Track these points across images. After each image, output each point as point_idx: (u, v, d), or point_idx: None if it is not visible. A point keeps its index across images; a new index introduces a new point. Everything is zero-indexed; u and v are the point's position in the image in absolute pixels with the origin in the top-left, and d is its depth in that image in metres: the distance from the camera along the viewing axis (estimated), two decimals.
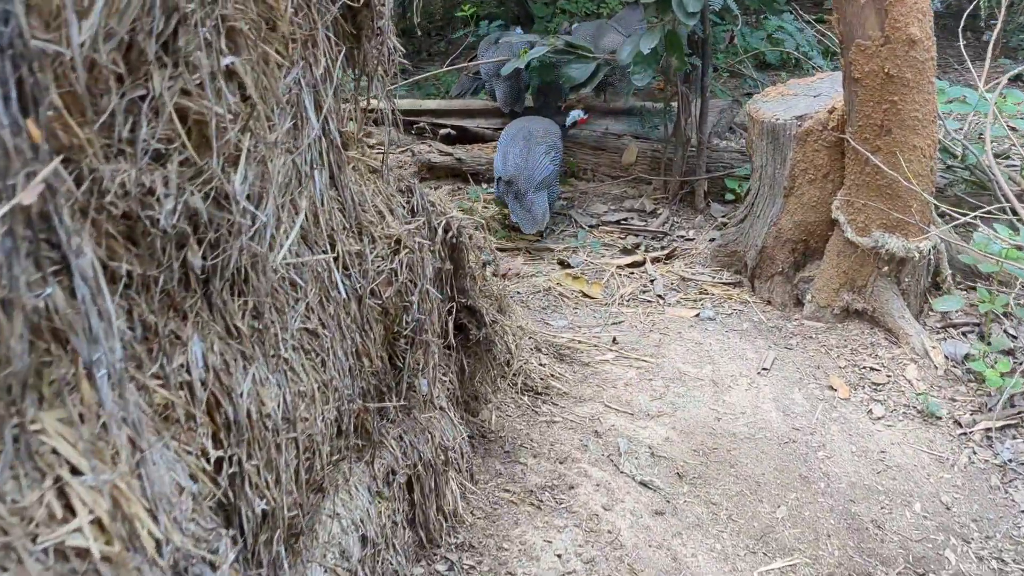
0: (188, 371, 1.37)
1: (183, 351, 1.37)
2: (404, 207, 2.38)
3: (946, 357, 3.27)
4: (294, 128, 1.75)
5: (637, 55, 4.03)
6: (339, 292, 1.89)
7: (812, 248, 3.67)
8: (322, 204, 1.90)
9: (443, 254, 2.54)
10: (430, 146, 5.01)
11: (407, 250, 2.16)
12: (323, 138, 1.90)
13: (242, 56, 1.41)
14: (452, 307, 2.66)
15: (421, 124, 5.36)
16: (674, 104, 4.54)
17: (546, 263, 4.25)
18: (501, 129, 5.31)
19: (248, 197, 1.48)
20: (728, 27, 4.04)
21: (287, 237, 1.64)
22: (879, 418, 3.03)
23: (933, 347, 3.30)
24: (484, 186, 4.96)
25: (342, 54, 1.81)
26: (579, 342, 3.54)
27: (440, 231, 2.50)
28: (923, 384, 3.17)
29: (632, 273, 4.13)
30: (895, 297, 3.44)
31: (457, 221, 2.55)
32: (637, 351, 3.45)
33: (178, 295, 1.38)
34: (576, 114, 4.67)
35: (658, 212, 4.63)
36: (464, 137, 5.31)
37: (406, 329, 2.17)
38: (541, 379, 3.23)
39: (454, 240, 2.56)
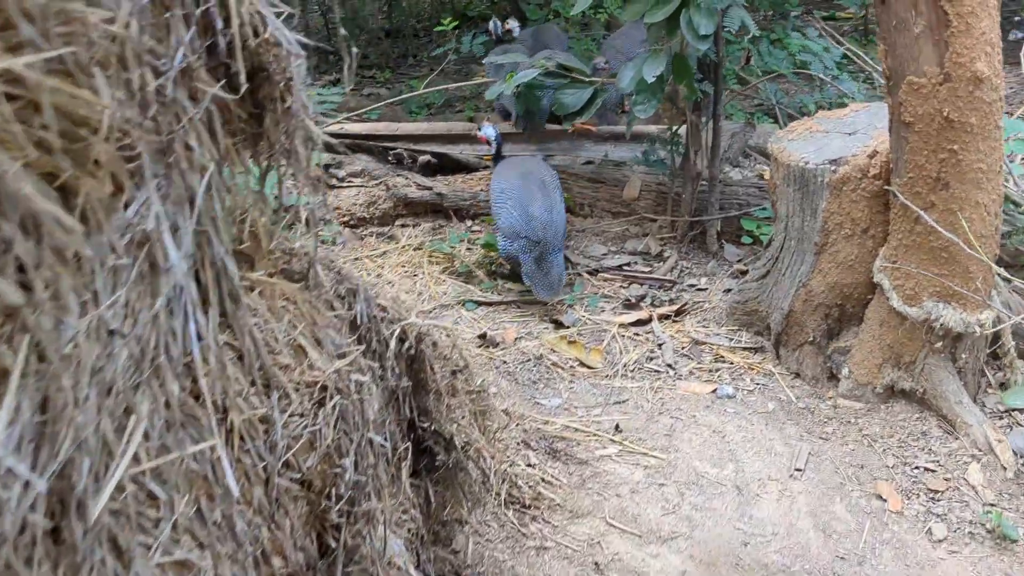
0: None
1: None
2: (344, 317, 1.83)
3: (1014, 453, 2.73)
4: (151, 271, 1.21)
5: (640, 83, 3.47)
6: (230, 486, 1.34)
7: (848, 313, 3.12)
8: (205, 362, 1.35)
9: (399, 370, 1.99)
10: (407, 178, 4.45)
11: (338, 396, 1.61)
12: (206, 269, 1.36)
13: (7, 217, 0.86)
14: (413, 428, 2.12)
15: (398, 150, 4.80)
16: (682, 133, 3.98)
17: (537, 320, 3.70)
18: (488, 157, 4.77)
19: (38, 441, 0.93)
20: (744, 45, 3.49)
21: (126, 455, 1.09)
22: (940, 540, 2.49)
23: (999, 440, 2.76)
24: (469, 223, 4.41)
25: (211, 171, 1.26)
26: (576, 430, 3.00)
27: (394, 342, 1.95)
28: (990, 492, 2.62)
29: (637, 334, 3.58)
30: (950, 377, 2.89)
31: (416, 328, 2.00)
32: (645, 443, 2.91)
33: None
34: (487, 130, 4.08)
35: (665, 255, 4.08)
36: (446, 165, 4.74)
37: (339, 502, 1.63)
38: (529, 486, 2.69)
39: (412, 351, 2.02)
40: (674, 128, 3.96)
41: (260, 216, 1.54)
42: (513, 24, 5.00)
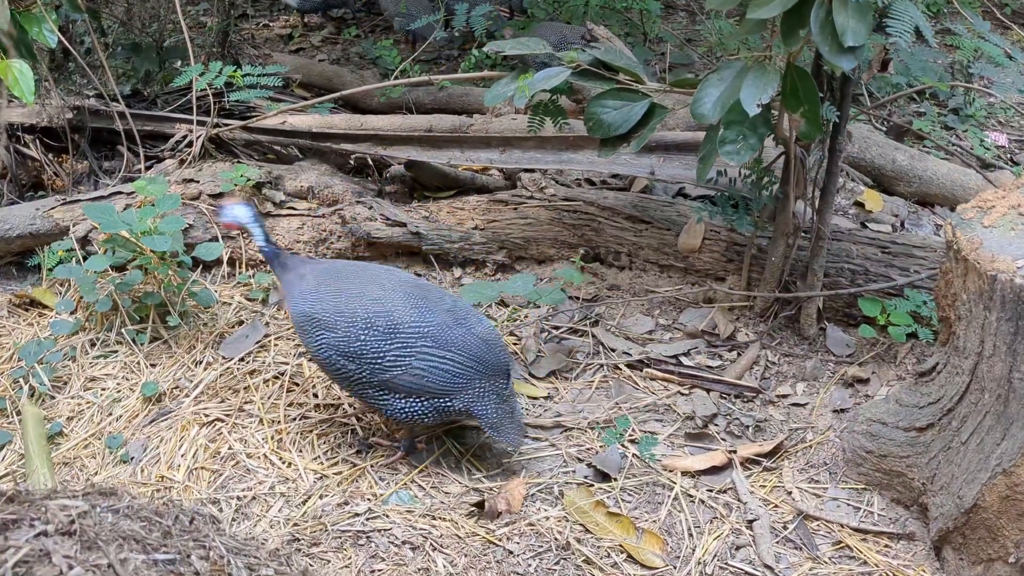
0: None
1: None
2: None
3: None
4: None
5: (732, 110, 2.18)
6: None
7: None
8: None
9: None
10: (371, 207, 3.15)
11: None
12: None
13: None
14: None
15: (361, 154, 3.48)
16: (776, 166, 2.71)
17: (557, 464, 2.47)
18: (481, 170, 3.49)
19: None
20: (881, 42, 2.25)
21: None
22: None
23: None
24: (457, 272, 3.13)
25: None
26: None
27: None
28: None
29: (710, 492, 2.36)
30: None
31: None
32: None
33: None
34: (235, 211, 2.43)
35: (739, 338, 2.83)
36: (425, 181, 3.45)
37: None
38: None
39: None
40: (762, 161, 2.67)
41: None
42: None
